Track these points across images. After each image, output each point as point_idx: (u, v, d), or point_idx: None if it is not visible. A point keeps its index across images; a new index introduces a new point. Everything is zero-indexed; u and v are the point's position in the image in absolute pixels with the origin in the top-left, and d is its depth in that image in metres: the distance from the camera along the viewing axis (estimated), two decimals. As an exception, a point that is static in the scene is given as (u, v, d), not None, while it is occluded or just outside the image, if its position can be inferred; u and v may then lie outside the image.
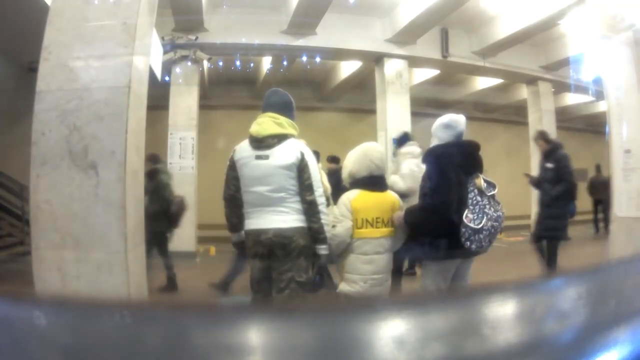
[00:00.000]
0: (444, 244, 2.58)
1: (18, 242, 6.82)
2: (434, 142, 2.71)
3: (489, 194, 2.59)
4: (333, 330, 0.48)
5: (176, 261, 6.38)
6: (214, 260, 7.52)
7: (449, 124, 2.67)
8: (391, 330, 0.47)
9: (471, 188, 2.57)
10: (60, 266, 2.64)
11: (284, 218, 2.46)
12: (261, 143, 2.49)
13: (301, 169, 2.45)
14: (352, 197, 2.61)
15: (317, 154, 2.70)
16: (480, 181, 2.57)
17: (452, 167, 2.57)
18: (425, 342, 0.47)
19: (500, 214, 2.58)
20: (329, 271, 2.67)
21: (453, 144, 2.65)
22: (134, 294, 2.78)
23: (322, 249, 2.50)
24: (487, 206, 2.54)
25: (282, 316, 0.51)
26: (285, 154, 2.46)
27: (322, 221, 2.46)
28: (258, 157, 2.48)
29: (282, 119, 2.52)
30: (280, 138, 2.49)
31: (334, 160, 6.50)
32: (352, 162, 2.71)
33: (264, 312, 0.54)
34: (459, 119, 2.69)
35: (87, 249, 2.65)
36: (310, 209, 2.45)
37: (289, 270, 2.45)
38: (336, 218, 2.58)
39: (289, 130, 2.53)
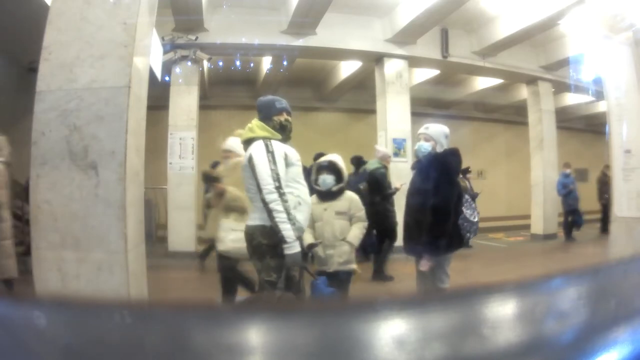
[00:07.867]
0: (454, 239, 2.83)
1: (18, 242, 6.81)
2: (438, 148, 2.91)
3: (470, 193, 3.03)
4: (333, 330, 0.48)
5: (176, 261, 6.37)
6: (214, 261, 7.49)
7: (447, 134, 2.96)
8: (391, 330, 0.47)
9: None
10: (60, 266, 2.64)
11: (250, 216, 2.65)
12: (245, 148, 2.71)
13: (252, 169, 2.53)
14: None
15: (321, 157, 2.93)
16: (466, 183, 2.85)
17: (455, 171, 2.92)
18: (425, 342, 0.47)
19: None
20: (301, 272, 2.68)
21: (452, 151, 2.93)
22: (134, 294, 2.77)
23: (285, 248, 2.48)
24: (473, 204, 2.88)
25: (282, 316, 0.51)
26: (246, 156, 2.62)
27: (276, 219, 2.46)
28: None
29: (253, 124, 2.67)
30: (250, 142, 2.63)
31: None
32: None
33: (264, 312, 0.54)
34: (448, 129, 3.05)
35: (87, 249, 2.65)
36: (264, 208, 2.50)
37: (258, 269, 2.56)
38: None
39: (257, 133, 2.63)
